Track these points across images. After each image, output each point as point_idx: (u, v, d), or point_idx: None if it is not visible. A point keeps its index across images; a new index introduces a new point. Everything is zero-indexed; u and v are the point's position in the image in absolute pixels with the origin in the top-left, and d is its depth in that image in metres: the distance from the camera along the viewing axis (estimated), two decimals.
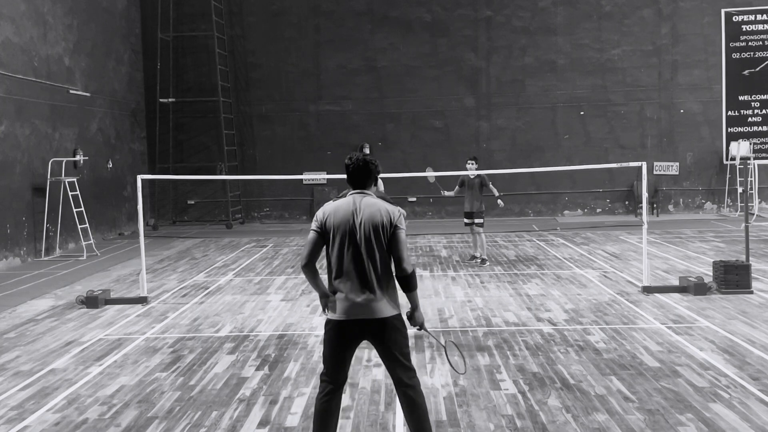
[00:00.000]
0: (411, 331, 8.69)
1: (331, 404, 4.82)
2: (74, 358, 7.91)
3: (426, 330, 5.13)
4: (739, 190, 21.32)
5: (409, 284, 4.74)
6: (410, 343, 8.09)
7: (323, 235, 4.77)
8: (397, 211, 4.77)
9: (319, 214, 4.82)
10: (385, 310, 4.70)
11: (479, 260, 13.59)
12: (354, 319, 4.69)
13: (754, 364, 7.03)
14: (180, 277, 13.08)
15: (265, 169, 22.00)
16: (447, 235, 18.19)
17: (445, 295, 10.75)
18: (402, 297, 4.83)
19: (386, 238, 4.71)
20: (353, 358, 4.96)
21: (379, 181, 14.58)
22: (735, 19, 21.76)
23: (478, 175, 13.36)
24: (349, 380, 6.80)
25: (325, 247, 4.82)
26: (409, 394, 4.79)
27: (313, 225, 4.81)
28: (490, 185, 13.37)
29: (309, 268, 4.77)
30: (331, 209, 4.78)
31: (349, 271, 4.71)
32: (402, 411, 4.88)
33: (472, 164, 13.36)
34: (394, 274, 4.78)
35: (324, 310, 4.86)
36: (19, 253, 14.97)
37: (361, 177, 4.87)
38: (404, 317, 4.88)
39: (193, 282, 12.48)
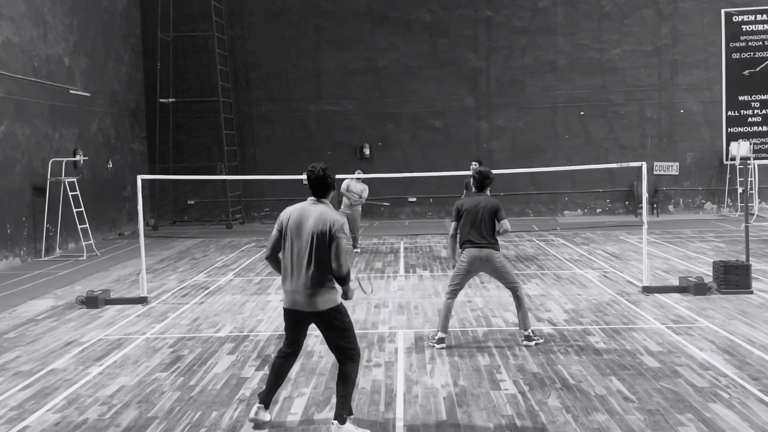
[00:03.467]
0: (410, 333, 8.69)
1: (284, 364, 5.79)
2: (74, 358, 7.91)
3: (358, 287, 5.98)
4: (739, 190, 21.32)
5: (342, 282, 5.51)
6: (410, 345, 8.09)
7: (281, 233, 5.61)
8: (339, 221, 5.43)
9: (281, 215, 5.64)
10: (320, 304, 5.43)
11: None
12: (295, 309, 5.53)
13: (754, 364, 7.03)
14: (180, 277, 13.08)
15: (265, 169, 22.00)
16: (447, 235, 18.17)
17: None
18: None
19: (326, 244, 5.39)
20: (306, 335, 5.83)
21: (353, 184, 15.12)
22: (735, 19, 21.76)
23: None
24: None
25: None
26: (343, 366, 5.58)
27: (276, 225, 5.67)
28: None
29: (270, 260, 5.74)
30: (288, 213, 5.59)
31: (291, 268, 5.50)
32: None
33: (476, 166, 13.44)
34: (333, 273, 5.47)
35: None
36: (19, 253, 14.98)
37: (318, 187, 5.57)
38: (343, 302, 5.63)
39: (193, 282, 12.48)
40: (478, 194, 8.14)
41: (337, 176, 16.26)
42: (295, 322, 5.61)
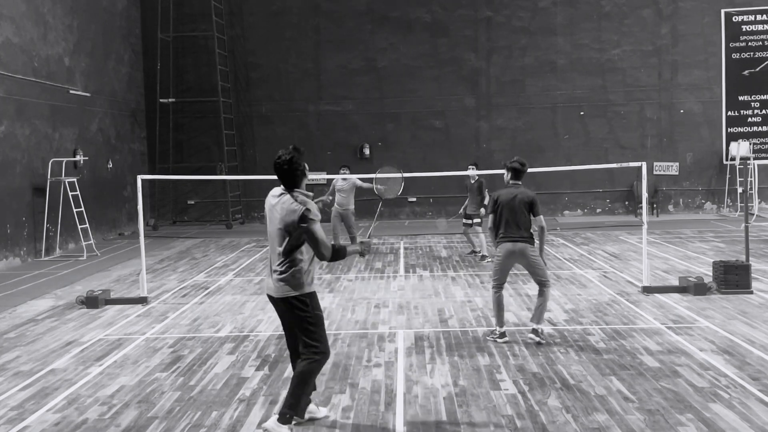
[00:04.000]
0: (410, 333, 8.69)
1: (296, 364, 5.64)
2: (74, 358, 7.91)
3: (369, 244, 5.86)
4: (739, 190, 21.31)
5: (335, 260, 5.57)
6: (410, 345, 8.09)
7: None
8: (301, 209, 5.33)
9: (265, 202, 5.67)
10: (285, 291, 5.42)
11: (479, 255, 14.06)
12: (268, 294, 5.59)
13: (754, 364, 7.03)
14: (180, 277, 13.08)
15: (265, 169, 21.97)
16: (447, 235, 18.20)
17: (445, 295, 10.75)
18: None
19: (293, 233, 5.36)
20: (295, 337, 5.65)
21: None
22: (735, 19, 21.75)
23: (477, 180, 13.76)
24: (348, 380, 6.84)
25: None
26: (301, 362, 5.49)
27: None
28: (486, 192, 13.86)
29: None
30: (266, 201, 5.65)
31: (268, 256, 5.66)
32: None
33: (472, 169, 13.92)
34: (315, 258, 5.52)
35: None
36: (19, 253, 14.97)
37: (284, 177, 5.50)
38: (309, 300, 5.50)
39: (193, 282, 12.48)
40: (515, 186, 8.12)
41: (332, 176, 16.03)
42: (274, 307, 5.64)
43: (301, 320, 5.45)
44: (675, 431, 5.45)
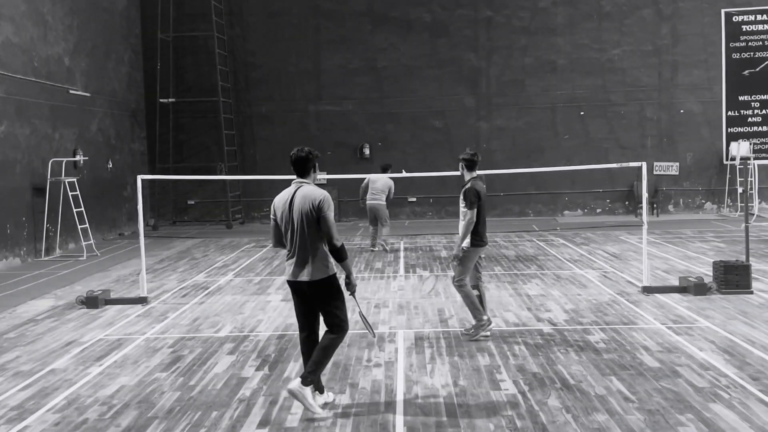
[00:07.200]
0: (410, 333, 8.68)
1: (308, 345, 6.09)
2: (74, 358, 7.91)
3: (355, 298, 6.25)
4: (739, 190, 21.31)
5: (339, 256, 5.88)
6: (410, 345, 8.08)
7: (276, 221, 6.04)
8: (318, 199, 5.80)
9: (273, 204, 6.06)
10: (314, 275, 5.84)
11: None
12: (294, 280, 5.94)
13: (754, 364, 7.03)
14: (180, 277, 13.08)
15: (265, 169, 21.99)
16: (447, 235, 18.19)
17: (445, 295, 10.75)
18: None
19: (314, 220, 5.81)
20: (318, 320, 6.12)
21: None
22: (735, 19, 21.75)
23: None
24: (348, 380, 6.83)
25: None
26: (328, 336, 6.00)
27: (271, 214, 6.13)
28: None
29: (276, 246, 6.20)
30: (276, 200, 6.04)
31: (290, 246, 5.93)
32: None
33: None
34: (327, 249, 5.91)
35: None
36: (19, 253, 14.97)
37: (298, 166, 6.00)
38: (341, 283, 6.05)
39: (193, 282, 12.47)
40: (479, 178, 8.12)
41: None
42: (294, 290, 6.02)
43: (330, 298, 5.96)
44: (675, 431, 5.45)
